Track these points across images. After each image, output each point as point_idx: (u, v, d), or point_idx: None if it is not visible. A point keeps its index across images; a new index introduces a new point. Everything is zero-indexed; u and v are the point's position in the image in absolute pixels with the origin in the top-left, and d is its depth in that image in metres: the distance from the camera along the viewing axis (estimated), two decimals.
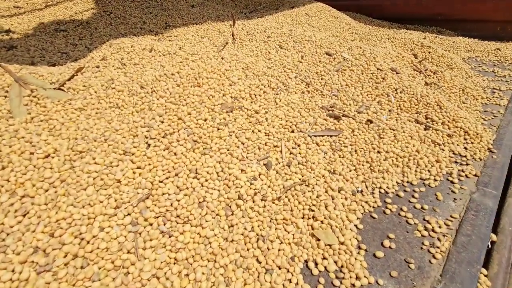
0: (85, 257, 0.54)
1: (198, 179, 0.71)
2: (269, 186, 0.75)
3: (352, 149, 0.95)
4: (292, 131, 0.97)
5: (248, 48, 1.55)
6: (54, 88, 0.96)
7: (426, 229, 0.71)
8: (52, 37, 1.78)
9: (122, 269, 0.55)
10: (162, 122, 0.84)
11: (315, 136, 0.97)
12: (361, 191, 0.82)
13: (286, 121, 0.99)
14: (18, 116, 0.83)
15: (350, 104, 1.15)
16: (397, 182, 0.86)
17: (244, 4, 2.91)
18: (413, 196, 0.81)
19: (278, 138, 0.91)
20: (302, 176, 0.80)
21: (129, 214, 0.61)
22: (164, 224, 0.61)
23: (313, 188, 0.77)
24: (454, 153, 0.98)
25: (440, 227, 0.71)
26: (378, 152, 0.94)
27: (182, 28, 1.93)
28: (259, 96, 1.05)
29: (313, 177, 0.80)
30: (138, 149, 0.74)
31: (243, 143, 0.85)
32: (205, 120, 0.87)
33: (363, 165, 0.90)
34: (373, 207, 0.78)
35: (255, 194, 0.72)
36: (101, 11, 2.10)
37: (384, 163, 0.90)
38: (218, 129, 0.86)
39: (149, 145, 0.76)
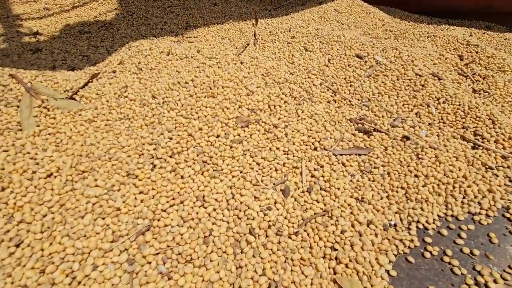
0: None
1: (205, 208, 0.64)
2: (285, 218, 0.66)
3: (384, 171, 0.82)
4: (315, 149, 0.86)
5: (270, 50, 1.45)
6: (66, 98, 0.93)
7: (477, 283, 0.58)
8: (76, 39, 1.79)
9: None
10: (171, 138, 0.77)
11: (341, 154, 0.85)
12: (395, 225, 0.70)
13: (309, 136, 0.88)
14: (26, 128, 0.80)
15: (383, 116, 1.02)
16: (438, 216, 0.73)
17: (269, 0, 2.78)
18: (459, 236, 0.68)
19: (298, 157, 0.81)
20: (325, 206, 0.70)
21: (126, 250, 0.55)
22: (164, 264, 0.54)
23: (337, 221, 0.67)
24: (510, 181, 0.82)
25: (495, 281, 0.58)
26: (416, 176, 0.81)
27: (202, 28, 1.86)
28: (279, 107, 0.95)
29: (338, 207, 0.69)
30: (143, 170, 0.68)
31: (258, 164, 0.76)
32: (218, 136, 0.79)
33: (397, 191, 0.77)
34: (409, 247, 0.66)
35: (269, 227, 0.63)
36: (124, 12, 2.09)
37: (423, 190, 0.77)
38: (231, 148, 0.77)
39: (154, 166, 0.70)
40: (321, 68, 1.24)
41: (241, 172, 0.73)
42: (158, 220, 0.60)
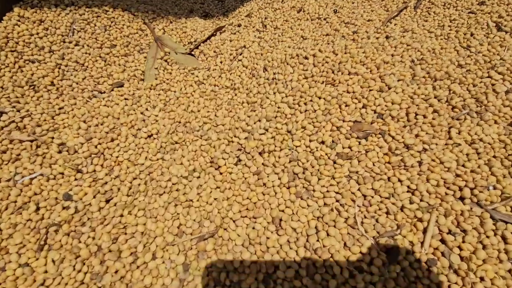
0: None
1: (279, 236, 0.52)
2: None
3: None
4: (461, 199, 0.57)
5: (436, 21, 1.03)
6: (186, 53, 0.92)
7: None
8: None
9: None
10: (266, 130, 0.64)
11: (506, 222, 0.54)
12: None
13: (457, 175, 0.59)
14: (147, 79, 0.84)
15: None
16: None
17: None
18: None
19: (428, 203, 0.56)
20: None
21: (185, 251, 0.51)
22: (215, 287, 0.48)
23: None
24: None
25: None
26: None
27: None
28: (422, 118, 0.66)
29: None
30: (226, 163, 0.60)
31: (364, 197, 0.56)
32: (322, 143, 0.61)
33: None
34: None
35: None
36: None
37: None
38: (335, 163, 0.59)
39: (239, 160, 0.61)
40: None
41: (337, 201, 0.55)
42: (225, 229, 0.52)
